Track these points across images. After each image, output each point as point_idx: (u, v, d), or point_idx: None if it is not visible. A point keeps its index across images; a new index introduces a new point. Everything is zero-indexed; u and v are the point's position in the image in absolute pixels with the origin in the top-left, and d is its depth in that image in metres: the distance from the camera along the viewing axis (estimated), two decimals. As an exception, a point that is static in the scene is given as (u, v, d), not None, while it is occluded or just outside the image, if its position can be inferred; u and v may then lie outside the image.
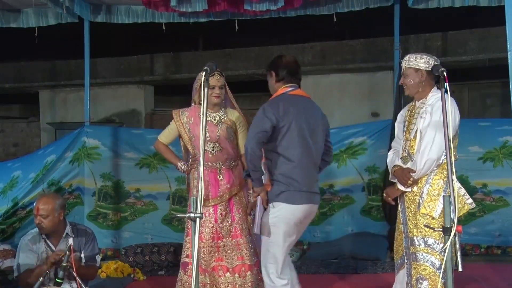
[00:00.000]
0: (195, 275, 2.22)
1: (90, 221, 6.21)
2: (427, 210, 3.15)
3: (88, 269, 3.86)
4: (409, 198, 3.26)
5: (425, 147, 3.12)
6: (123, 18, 5.89)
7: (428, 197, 3.17)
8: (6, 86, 10.17)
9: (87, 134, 6.23)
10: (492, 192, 5.83)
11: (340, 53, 8.83)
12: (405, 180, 3.21)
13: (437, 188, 3.17)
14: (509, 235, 5.70)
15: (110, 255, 6.09)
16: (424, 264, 3.17)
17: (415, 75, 3.26)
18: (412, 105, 3.42)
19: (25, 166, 6.25)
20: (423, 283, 3.17)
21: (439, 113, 2.91)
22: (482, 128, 5.95)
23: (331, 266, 5.35)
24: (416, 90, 3.29)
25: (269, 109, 3.33)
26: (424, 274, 3.17)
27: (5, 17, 5.76)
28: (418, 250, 3.19)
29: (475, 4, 5.31)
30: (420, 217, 3.18)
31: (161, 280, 5.02)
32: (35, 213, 3.71)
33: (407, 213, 3.27)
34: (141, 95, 9.90)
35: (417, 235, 3.19)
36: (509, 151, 5.70)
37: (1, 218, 5.93)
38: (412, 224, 3.22)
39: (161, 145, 4.12)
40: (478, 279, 4.58)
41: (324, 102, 8.92)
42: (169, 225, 6.21)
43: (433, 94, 3.25)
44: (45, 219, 3.67)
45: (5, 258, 4.95)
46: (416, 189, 3.22)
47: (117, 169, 6.30)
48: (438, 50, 8.44)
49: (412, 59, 3.29)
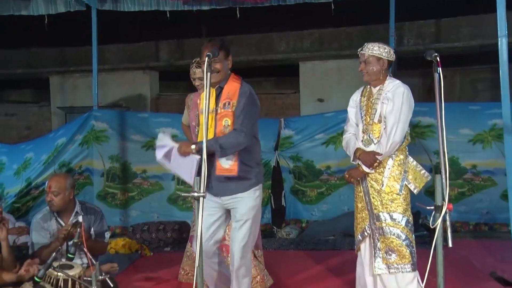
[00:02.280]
0: (199, 249, 2.26)
1: (99, 200, 6.24)
2: (391, 188, 3.27)
3: (98, 245, 3.89)
4: (372, 178, 3.35)
5: (390, 131, 3.22)
6: (129, 6, 5.86)
7: (391, 176, 3.29)
8: (18, 72, 10.17)
9: (95, 117, 6.23)
10: (481, 172, 5.86)
11: (337, 39, 8.79)
12: (371, 163, 3.29)
13: (398, 168, 3.30)
14: (496, 212, 5.73)
15: (119, 232, 6.13)
16: (391, 237, 3.28)
17: (377, 63, 3.32)
18: (367, 91, 3.47)
19: (37, 148, 6.27)
20: (392, 255, 3.28)
21: (400, 99, 3.18)
22: (473, 111, 5.95)
23: (328, 243, 5.39)
24: (376, 77, 3.35)
25: (256, 98, 3.11)
26: (392, 246, 3.28)
27: (16, 5, 5.75)
28: (385, 225, 3.30)
29: None
30: (385, 194, 3.29)
31: (167, 256, 5.06)
32: (47, 190, 3.73)
33: (371, 192, 3.36)
34: (146, 80, 9.87)
35: (382, 211, 3.30)
36: (498, 133, 5.69)
37: (16, 197, 5.99)
38: (377, 202, 3.32)
39: (182, 126, 4.34)
40: (466, 254, 4.62)
41: (322, 87, 8.95)
42: (174, 204, 6.24)
43: (389, 82, 3.34)
44: (56, 197, 3.70)
45: (20, 235, 4.99)
46: (379, 170, 3.31)
47: (125, 151, 6.31)
48: (432, 36, 8.38)
49: (376, 48, 3.33)
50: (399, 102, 3.23)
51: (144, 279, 4.28)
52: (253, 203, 3.05)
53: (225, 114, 2.98)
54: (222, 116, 2.98)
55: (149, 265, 4.72)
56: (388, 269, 3.31)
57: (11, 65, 10.06)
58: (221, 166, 2.96)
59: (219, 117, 2.98)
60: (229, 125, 2.96)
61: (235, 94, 3.00)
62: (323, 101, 8.83)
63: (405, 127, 3.28)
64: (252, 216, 3.04)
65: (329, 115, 6.24)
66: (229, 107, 2.97)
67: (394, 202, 3.30)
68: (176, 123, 6.14)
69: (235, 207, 3.05)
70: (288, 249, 5.24)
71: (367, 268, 3.48)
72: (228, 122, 2.96)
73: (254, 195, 3.05)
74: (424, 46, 8.07)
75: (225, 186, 3.01)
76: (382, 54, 3.32)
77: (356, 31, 8.64)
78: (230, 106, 2.97)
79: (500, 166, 5.53)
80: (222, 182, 3.00)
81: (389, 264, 3.31)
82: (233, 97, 3.00)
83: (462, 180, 5.87)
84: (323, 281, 4.11)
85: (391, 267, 3.31)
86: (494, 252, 4.75)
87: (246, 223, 3.02)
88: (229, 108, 2.98)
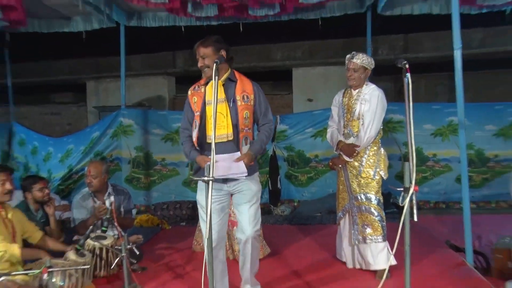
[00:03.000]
0: (209, 225, 2.23)
1: (127, 183, 6.25)
2: (366, 174, 3.32)
3: (126, 220, 3.91)
4: (351, 166, 3.38)
5: (367, 127, 3.25)
6: (151, 23, 5.85)
7: (366, 164, 3.32)
8: (61, 78, 10.18)
9: (123, 115, 6.23)
10: (440, 160, 5.86)
11: (324, 50, 8.74)
12: (351, 153, 3.33)
13: (373, 158, 3.33)
14: (451, 193, 5.75)
15: (143, 210, 6.14)
16: (366, 213, 3.33)
17: (363, 72, 3.36)
18: (347, 93, 3.48)
19: (77, 141, 6.29)
20: (367, 228, 3.34)
21: (375, 101, 3.25)
22: (434, 110, 5.94)
23: (315, 219, 5.41)
24: (361, 83, 3.38)
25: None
26: (367, 221, 3.33)
27: (59, 23, 5.78)
28: (361, 204, 3.35)
29: (429, 12, 5.34)
30: (361, 179, 3.34)
31: (182, 229, 5.07)
32: (87, 174, 3.76)
33: (350, 177, 3.39)
34: (165, 84, 9.83)
35: (359, 192, 3.35)
36: (454, 128, 5.70)
37: (60, 180, 6.02)
38: (355, 185, 3.37)
39: None
40: (427, 228, 4.65)
41: (311, 89, 8.91)
42: (188, 187, 6.24)
43: (367, 86, 3.37)
44: (95, 179, 3.73)
45: (64, 211, 5.02)
46: (357, 159, 3.35)
47: (147, 143, 6.31)
48: (401, 48, 8.40)
49: (364, 58, 3.36)
50: (375, 103, 3.26)
51: (164, 248, 4.30)
52: (258, 187, 2.87)
53: (245, 106, 2.75)
54: (242, 108, 2.75)
55: (168, 237, 4.74)
56: (364, 240, 3.35)
57: (56, 73, 10.10)
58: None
59: (240, 109, 2.74)
60: (249, 117, 2.77)
61: (250, 89, 2.81)
62: (312, 100, 8.78)
63: (379, 124, 3.30)
64: (258, 197, 2.88)
65: (317, 112, 6.22)
66: (248, 101, 2.77)
67: (369, 185, 3.34)
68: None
69: (242, 190, 2.80)
70: (283, 224, 5.26)
71: (346, 239, 3.50)
72: (247, 115, 2.76)
73: (257, 179, 2.89)
74: (395, 56, 8.05)
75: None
76: (368, 64, 3.35)
77: (339, 43, 8.60)
78: (249, 100, 2.77)
79: (455, 155, 5.60)
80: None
81: (364, 236, 3.35)
82: (249, 92, 2.80)
83: (425, 167, 5.87)
84: (311, 249, 4.13)
85: (366, 238, 3.34)
86: (449, 225, 4.79)
87: (256, 203, 2.85)
88: (248, 101, 2.77)
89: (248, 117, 2.77)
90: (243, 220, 2.84)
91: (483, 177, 5.78)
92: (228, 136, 2.70)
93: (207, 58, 2.70)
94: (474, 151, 5.76)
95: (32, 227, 3.22)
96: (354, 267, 3.47)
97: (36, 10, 5.30)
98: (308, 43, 8.87)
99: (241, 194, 2.83)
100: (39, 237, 3.22)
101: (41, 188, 3.64)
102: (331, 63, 8.54)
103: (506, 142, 5.69)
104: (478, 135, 5.73)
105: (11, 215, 3.05)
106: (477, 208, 5.55)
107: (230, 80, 2.80)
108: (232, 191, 2.84)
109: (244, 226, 2.83)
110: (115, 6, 5.46)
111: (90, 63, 9.98)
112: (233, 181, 2.78)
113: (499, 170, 5.72)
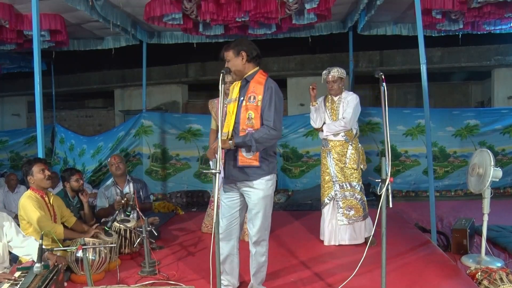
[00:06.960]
0: (216, 211, 2.13)
1: (147, 175, 6.22)
2: (351, 165, 3.42)
3: (146, 204, 3.91)
4: (337, 159, 3.46)
5: (347, 115, 3.43)
6: (168, 40, 5.86)
7: (351, 157, 3.42)
8: (94, 87, 10.24)
9: (144, 117, 6.20)
10: (410, 156, 5.85)
11: (313, 62, 8.75)
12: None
13: (355, 152, 3.44)
14: (419, 183, 5.75)
15: (160, 197, 6.11)
16: (351, 199, 3.41)
17: (341, 81, 3.51)
18: (329, 99, 3.59)
19: (106, 139, 6.27)
20: (351, 211, 3.41)
21: (352, 104, 3.43)
22: (405, 114, 5.92)
23: (306, 205, 5.38)
24: (340, 91, 3.53)
25: (280, 91, 2.43)
26: (351, 205, 3.41)
27: (94, 42, 5.86)
28: (346, 190, 3.43)
29: (400, 33, 5.51)
30: (346, 169, 3.43)
31: (194, 215, 5.04)
32: (113, 162, 3.82)
33: (337, 169, 3.47)
34: (179, 91, 9.80)
35: (344, 181, 3.44)
36: (421, 129, 5.70)
37: (92, 172, 6.02)
38: (340, 174, 3.45)
39: (211, 131, 3.84)
40: (400, 212, 4.64)
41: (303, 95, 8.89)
42: (198, 178, 6.20)
43: (345, 92, 3.54)
44: (120, 163, 3.83)
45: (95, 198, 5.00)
46: (343, 153, 3.45)
47: (164, 141, 6.27)
48: (377, 62, 8.43)
49: (341, 71, 3.52)
50: (353, 104, 3.44)
51: (178, 229, 4.27)
52: (264, 194, 2.35)
53: (250, 107, 2.33)
54: (247, 108, 2.34)
55: (181, 221, 4.72)
56: (348, 221, 3.41)
57: (89, 82, 10.15)
58: (243, 157, 2.34)
59: (244, 109, 2.35)
60: (253, 118, 2.33)
61: (260, 89, 2.35)
62: (304, 105, 8.76)
63: (355, 118, 3.46)
64: (264, 206, 2.36)
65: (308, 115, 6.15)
66: (254, 102, 2.33)
67: (353, 175, 3.43)
68: (199, 120, 6.16)
69: (248, 195, 2.38)
70: (279, 210, 5.22)
71: (327, 222, 3.52)
72: (252, 115, 2.33)
73: (266, 185, 2.36)
74: (373, 69, 8.07)
75: (240, 171, 2.37)
76: (343, 74, 3.50)
77: (326, 57, 8.63)
78: (255, 101, 2.33)
79: (423, 152, 5.59)
80: (236, 168, 2.38)
81: (348, 218, 3.41)
82: (258, 92, 2.35)
83: (398, 161, 5.85)
84: (302, 231, 4.12)
85: (350, 219, 3.41)
86: (418, 210, 4.79)
87: (259, 213, 2.36)
88: (254, 102, 2.33)
89: (253, 118, 2.33)
90: (247, 225, 2.48)
91: (445, 170, 5.79)
92: (228, 134, 2.38)
93: (230, 61, 2.41)
94: (437, 148, 5.76)
95: (68, 212, 3.20)
96: (330, 244, 3.51)
97: (76, 32, 5.37)
98: (300, 57, 8.86)
99: (248, 197, 2.40)
100: (73, 222, 3.20)
101: (77, 179, 3.64)
102: (319, 73, 8.48)
103: (462, 141, 5.72)
104: (441, 135, 5.74)
105: (52, 200, 3.05)
106: (440, 196, 5.56)
107: (246, 80, 2.43)
108: (242, 192, 2.43)
109: (249, 230, 2.46)
110: (139, 27, 5.47)
111: (117, 74, 9.99)
112: (244, 181, 2.38)
113: (458, 164, 5.75)
